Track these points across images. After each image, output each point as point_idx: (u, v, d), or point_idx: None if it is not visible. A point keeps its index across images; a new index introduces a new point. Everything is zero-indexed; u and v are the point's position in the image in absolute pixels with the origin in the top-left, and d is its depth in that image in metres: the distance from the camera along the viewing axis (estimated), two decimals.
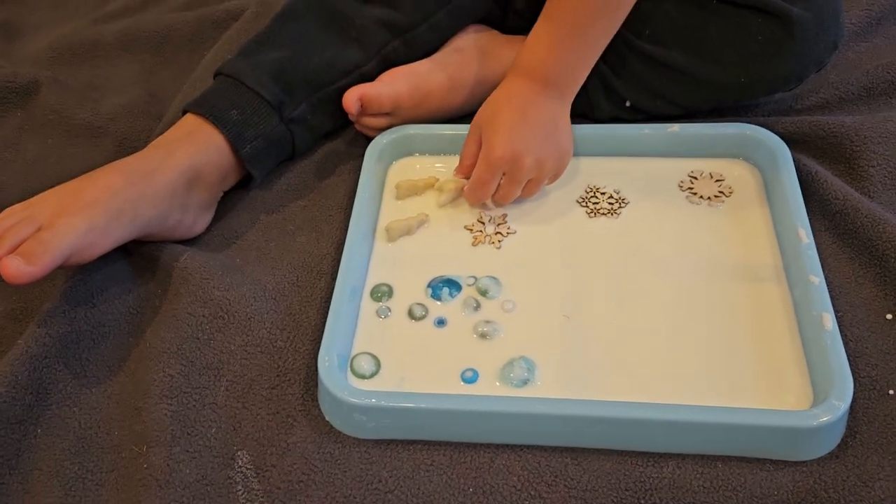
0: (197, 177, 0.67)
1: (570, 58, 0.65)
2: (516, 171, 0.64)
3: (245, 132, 0.69)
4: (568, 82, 0.66)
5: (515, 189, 0.65)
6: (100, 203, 0.61)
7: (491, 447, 0.55)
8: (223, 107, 0.69)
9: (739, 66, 0.69)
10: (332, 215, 0.71)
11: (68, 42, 0.89)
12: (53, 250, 0.58)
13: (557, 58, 0.64)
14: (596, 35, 0.64)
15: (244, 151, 0.69)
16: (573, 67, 0.65)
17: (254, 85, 0.70)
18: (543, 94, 0.65)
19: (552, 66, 0.64)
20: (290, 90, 0.71)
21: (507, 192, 0.66)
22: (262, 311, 0.63)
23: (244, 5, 0.90)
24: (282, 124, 0.71)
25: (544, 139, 0.64)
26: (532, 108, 0.64)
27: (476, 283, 0.63)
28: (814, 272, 0.58)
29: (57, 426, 0.58)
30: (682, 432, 0.53)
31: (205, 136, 0.68)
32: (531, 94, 0.65)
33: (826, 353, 0.54)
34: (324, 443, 0.56)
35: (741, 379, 0.56)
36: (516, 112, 0.64)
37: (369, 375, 0.58)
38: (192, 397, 0.58)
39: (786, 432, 0.52)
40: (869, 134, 0.67)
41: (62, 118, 0.81)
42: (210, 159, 0.68)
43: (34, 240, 0.58)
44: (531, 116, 0.64)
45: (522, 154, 0.63)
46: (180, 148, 0.67)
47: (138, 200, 0.63)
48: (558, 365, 0.58)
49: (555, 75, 0.65)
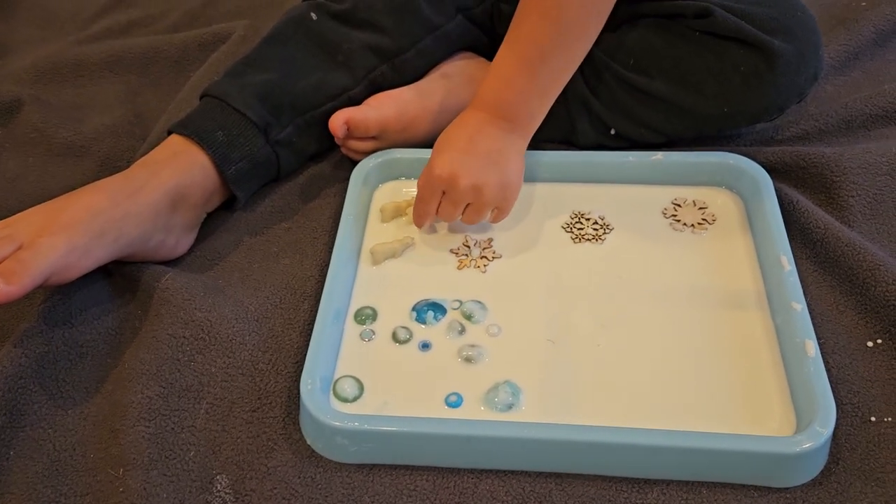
0: (181, 197, 0.67)
1: (523, 93, 0.64)
2: (453, 191, 0.64)
3: (230, 154, 0.69)
4: (521, 116, 0.65)
5: (452, 209, 0.65)
6: (82, 223, 0.60)
7: (475, 472, 0.55)
8: (209, 128, 0.69)
9: (721, 97, 0.70)
10: (317, 238, 0.70)
11: (53, 61, 0.89)
12: (33, 270, 0.57)
13: (510, 92, 0.64)
14: (550, 72, 0.64)
15: (229, 173, 0.69)
16: (526, 102, 0.65)
17: (240, 106, 0.70)
18: (494, 125, 0.65)
19: (505, 99, 0.65)
20: (276, 112, 0.71)
21: (444, 211, 0.65)
22: (244, 333, 0.62)
23: (231, 29, 0.90)
24: (267, 146, 0.71)
25: (486, 166, 0.64)
26: (479, 136, 0.65)
27: (461, 307, 0.63)
28: (796, 299, 0.59)
29: (30, 448, 0.57)
30: (665, 457, 0.53)
31: (190, 157, 0.68)
32: (482, 124, 0.65)
33: (809, 379, 0.54)
34: (305, 467, 0.55)
35: (724, 405, 0.56)
36: (463, 138, 0.65)
37: (352, 399, 0.58)
38: (171, 420, 0.57)
39: (769, 458, 0.52)
40: (848, 164, 0.69)
41: (44, 136, 0.80)
42: (195, 180, 0.67)
43: (14, 259, 0.57)
44: (477, 143, 0.64)
45: (459, 175, 0.63)
46: (165, 168, 0.66)
47: (121, 221, 0.62)
48: (543, 390, 0.57)
49: (507, 109, 0.65)
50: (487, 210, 0.66)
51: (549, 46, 0.63)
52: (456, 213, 0.65)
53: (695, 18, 0.70)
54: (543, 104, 0.66)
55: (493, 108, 0.65)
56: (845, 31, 0.84)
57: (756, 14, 0.68)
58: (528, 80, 0.64)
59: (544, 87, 0.65)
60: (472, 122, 0.65)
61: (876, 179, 0.68)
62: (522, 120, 0.65)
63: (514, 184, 0.65)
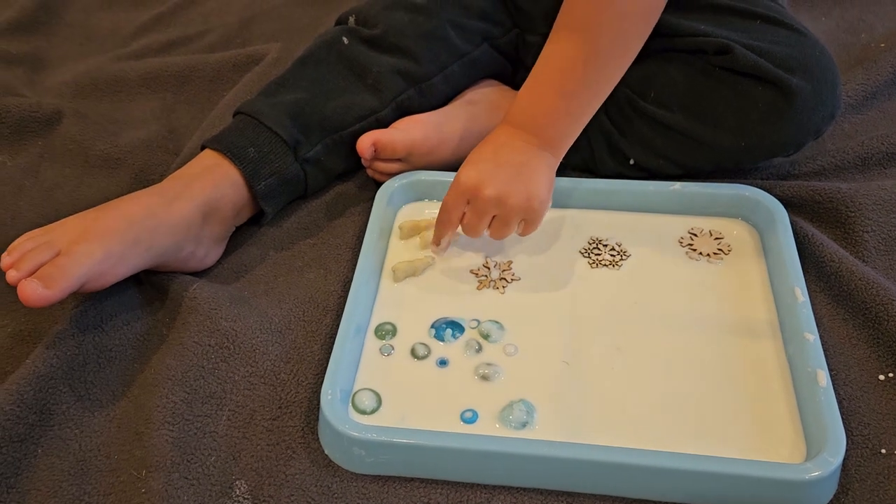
0: (213, 210, 0.69)
1: (554, 111, 0.65)
2: (477, 200, 0.64)
3: (261, 169, 0.71)
4: (550, 134, 0.66)
5: (477, 220, 0.65)
6: (118, 231, 0.62)
7: (488, 488, 0.56)
8: (241, 144, 0.71)
9: (739, 132, 0.71)
10: (341, 254, 0.72)
11: (92, 77, 0.92)
12: (70, 275, 0.59)
13: (541, 109, 0.65)
14: (582, 94, 0.65)
15: (259, 188, 0.71)
16: (556, 121, 0.66)
17: (272, 124, 0.72)
18: (522, 139, 0.66)
19: (535, 116, 0.66)
20: (306, 131, 0.73)
21: (470, 222, 0.66)
22: (267, 343, 0.64)
23: (265, 51, 0.93)
24: (296, 163, 0.73)
25: (511, 177, 0.64)
26: (506, 149, 0.65)
27: (479, 327, 0.64)
28: (809, 330, 0.60)
29: (57, 447, 0.58)
30: (676, 480, 0.54)
31: (222, 172, 0.70)
32: (510, 138, 0.66)
33: (820, 409, 0.55)
34: (322, 476, 0.56)
35: (735, 431, 0.57)
36: (490, 150, 0.66)
37: (370, 411, 0.59)
38: (194, 425, 0.59)
39: (779, 484, 0.53)
40: (864, 201, 0.70)
41: (81, 148, 0.83)
42: (226, 194, 0.70)
43: (52, 265, 0.59)
44: (503, 155, 0.65)
45: (484, 184, 0.64)
46: (198, 182, 0.69)
47: (155, 230, 0.64)
48: (557, 409, 0.58)
49: (536, 125, 0.66)
50: (514, 222, 0.65)
51: (583, 68, 0.64)
52: (481, 224, 0.65)
53: (716, 55, 0.71)
54: (574, 125, 0.66)
55: (523, 123, 0.66)
56: (863, 70, 0.85)
57: (776, 52, 0.70)
58: (559, 100, 0.65)
59: (575, 108, 0.65)
60: (501, 136, 0.67)
61: (890, 216, 0.69)
62: (552, 137, 0.66)
63: (541, 196, 0.65)
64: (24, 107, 0.86)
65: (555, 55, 0.65)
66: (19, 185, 0.80)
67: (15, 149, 0.84)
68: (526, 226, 0.66)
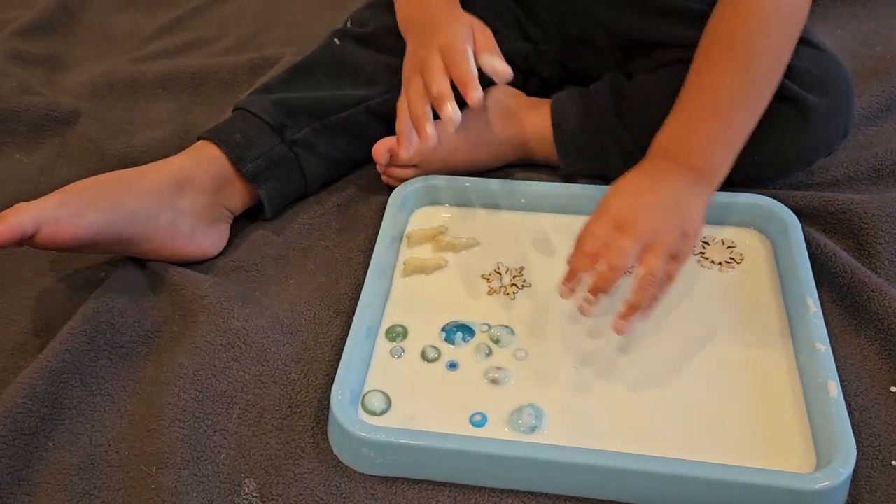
0: (187, 180, 0.69)
1: (710, 142, 0.62)
2: (633, 229, 0.58)
3: (246, 153, 0.71)
4: (707, 166, 0.61)
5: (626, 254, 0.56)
6: (77, 188, 0.64)
7: (496, 491, 0.56)
8: (228, 132, 0.72)
9: (754, 147, 0.70)
10: (352, 257, 0.72)
11: (109, 78, 0.93)
12: (22, 214, 0.60)
13: (695, 141, 0.62)
14: (737, 122, 0.61)
15: (246, 170, 0.71)
16: (712, 152, 0.61)
17: (257, 111, 0.73)
18: (678, 174, 0.61)
19: (689, 148, 0.62)
20: (292, 114, 0.74)
21: (617, 252, 0.56)
22: (277, 344, 0.64)
23: (280, 55, 0.94)
24: (283, 145, 0.73)
25: (667, 211, 0.59)
26: (662, 183, 0.61)
27: (489, 331, 0.64)
28: (820, 340, 0.60)
29: (68, 441, 0.59)
30: (684, 487, 0.54)
31: (201, 150, 0.71)
32: (665, 172, 0.61)
33: (830, 419, 0.55)
34: (330, 476, 0.56)
35: (745, 439, 0.57)
36: (645, 184, 0.61)
37: (379, 413, 0.59)
38: (205, 423, 0.59)
39: (788, 494, 0.52)
40: (877, 212, 0.70)
41: (97, 147, 0.84)
42: (201, 166, 0.70)
43: (10, 209, 0.61)
44: (659, 190, 0.60)
45: (639, 219, 0.58)
46: (175, 159, 0.71)
47: (122, 192, 0.65)
48: (566, 414, 0.58)
49: (692, 158, 0.61)
50: (665, 257, 0.58)
51: (738, 96, 0.61)
52: (629, 258, 0.57)
53: None
54: (729, 154, 0.62)
55: (677, 156, 0.62)
56: (878, 82, 0.85)
57: (795, 67, 0.68)
58: (714, 130, 0.62)
59: (731, 136, 0.62)
60: (654, 169, 0.62)
61: None
62: (708, 169, 0.62)
63: (696, 232, 0.60)
64: (42, 106, 0.87)
65: (706, 84, 0.62)
66: (35, 183, 0.81)
67: (31, 147, 0.85)
68: (675, 263, 0.59)
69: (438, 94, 0.63)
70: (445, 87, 0.64)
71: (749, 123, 0.62)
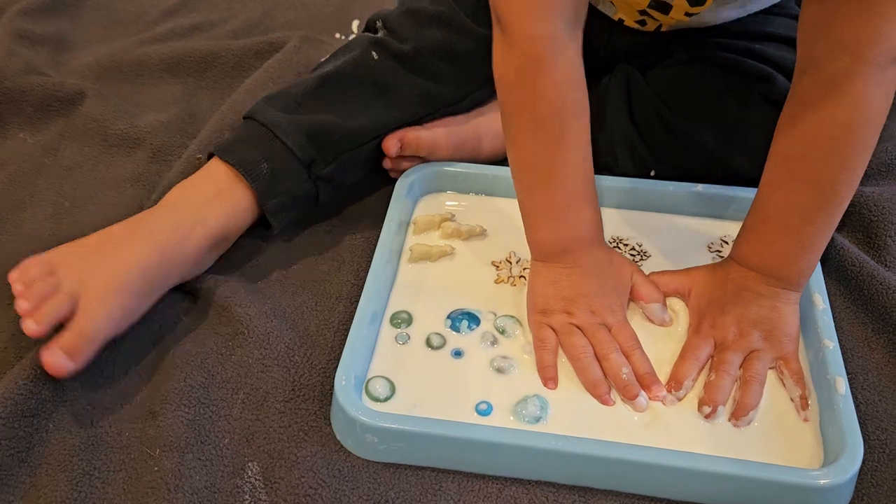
0: (223, 240, 0.68)
1: (790, 255, 0.59)
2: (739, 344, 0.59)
3: (273, 187, 0.68)
4: (791, 275, 0.60)
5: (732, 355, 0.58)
6: (134, 284, 0.61)
7: (500, 479, 0.55)
8: (254, 158, 0.68)
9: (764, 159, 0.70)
10: (355, 244, 0.72)
11: (115, 59, 0.92)
12: (94, 343, 0.59)
13: (774, 255, 0.60)
14: (814, 233, 0.59)
15: (269, 205, 0.69)
16: (794, 263, 0.59)
17: (287, 140, 0.69)
18: (763, 283, 0.60)
19: (770, 263, 0.60)
20: (323, 149, 0.70)
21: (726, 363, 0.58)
22: (280, 329, 0.64)
23: (287, 38, 0.93)
24: (309, 181, 0.70)
25: (759, 322, 0.59)
26: (747, 293, 0.60)
27: (495, 321, 0.64)
28: (829, 337, 0.59)
29: (69, 422, 0.58)
30: (691, 480, 0.53)
31: (236, 198, 0.68)
32: (748, 281, 0.61)
33: (838, 416, 0.55)
34: (333, 459, 0.56)
35: (752, 434, 0.56)
36: (731, 293, 0.61)
37: (383, 399, 0.59)
38: (210, 408, 0.59)
39: (795, 489, 0.52)
40: (887, 206, 0.69)
41: (101, 128, 0.83)
42: (238, 224, 0.68)
43: (75, 333, 0.58)
44: (747, 300, 0.60)
45: (736, 334, 0.59)
46: (212, 210, 0.66)
47: (167, 274, 0.64)
48: (570, 406, 0.58)
49: (774, 271, 0.60)
50: (767, 360, 0.59)
51: (812, 210, 0.58)
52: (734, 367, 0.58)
53: (756, 80, 0.70)
54: (812, 260, 0.60)
55: (760, 267, 0.61)
56: None
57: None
58: (792, 244, 0.59)
59: (810, 246, 0.59)
60: (739, 277, 0.61)
61: None
62: (792, 278, 0.60)
63: (794, 335, 0.60)
64: (48, 86, 0.86)
65: (779, 200, 0.59)
66: (39, 163, 0.81)
67: (36, 127, 0.84)
68: (784, 364, 0.59)
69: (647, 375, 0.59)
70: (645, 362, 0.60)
71: (827, 231, 0.59)
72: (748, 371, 0.58)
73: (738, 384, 0.58)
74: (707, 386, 0.58)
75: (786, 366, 0.59)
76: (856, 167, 0.57)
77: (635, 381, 0.58)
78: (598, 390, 0.58)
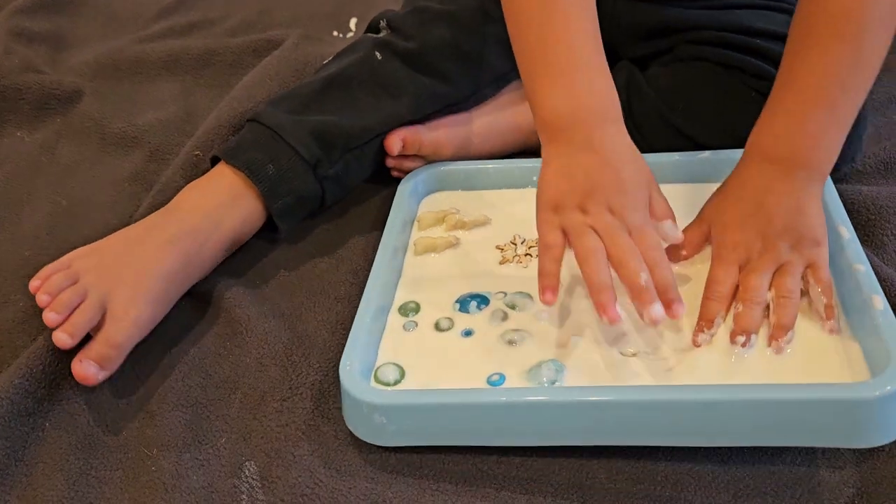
0: (236, 244, 0.69)
1: (822, 132, 0.56)
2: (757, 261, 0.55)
3: (279, 188, 0.68)
4: (820, 159, 0.56)
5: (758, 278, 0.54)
6: (160, 292, 0.62)
7: (497, 481, 0.54)
8: (260, 160, 0.68)
9: None
10: (356, 244, 0.71)
11: (113, 58, 0.92)
12: (124, 350, 0.59)
13: (806, 133, 0.56)
14: (848, 102, 0.55)
15: (275, 206, 0.69)
16: (825, 142, 0.56)
17: (292, 141, 0.69)
18: (788, 179, 0.56)
19: (799, 144, 0.56)
20: (329, 149, 0.70)
21: (752, 290, 0.54)
22: (278, 329, 0.63)
23: (284, 36, 0.93)
24: (315, 182, 0.70)
25: (784, 232, 0.56)
26: (772, 197, 0.56)
27: (505, 298, 0.62)
28: (859, 261, 0.57)
29: (65, 421, 0.58)
30: (722, 414, 0.50)
31: (249, 205, 0.68)
32: (769, 181, 0.57)
33: (879, 330, 0.51)
34: (331, 458, 0.55)
35: (787, 365, 0.53)
36: (751, 202, 0.57)
37: (393, 383, 0.57)
38: (207, 409, 0.59)
39: (845, 407, 0.48)
40: (885, 204, 0.69)
41: (99, 126, 0.83)
42: (250, 229, 0.69)
43: (106, 343, 0.58)
44: (770, 207, 0.56)
45: (759, 250, 0.56)
46: (227, 217, 0.67)
47: (187, 280, 0.65)
48: (587, 368, 0.55)
49: (803, 154, 0.56)
50: (797, 273, 0.55)
51: (849, 74, 0.55)
52: (762, 291, 0.54)
53: (753, 77, 0.70)
54: (840, 139, 0.56)
55: (785, 157, 0.57)
56: (887, 74, 0.84)
57: None
58: (826, 116, 0.56)
59: (842, 118, 0.56)
60: (756, 180, 0.57)
61: None
62: (821, 163, 0.56)
63: (821, 236, 0.56)
64: (45, 84, 0.86)
65: (810, 66, 0.56)
66: (36, 162, 0.81)
67: (34, 125, 0.84)
68: (814, 271, 0.55)
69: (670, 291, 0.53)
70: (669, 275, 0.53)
71: (859, 101, 0.56)
72: (780, 289, 0.54)
73: (772, 304, 0.54)
74: (737, 317, 0.54)
75: (813, 274, 0.55)
76: (889, 23, 0.54)
77: (653, 288, 0.52)
78: (602, 296, 0.51)
